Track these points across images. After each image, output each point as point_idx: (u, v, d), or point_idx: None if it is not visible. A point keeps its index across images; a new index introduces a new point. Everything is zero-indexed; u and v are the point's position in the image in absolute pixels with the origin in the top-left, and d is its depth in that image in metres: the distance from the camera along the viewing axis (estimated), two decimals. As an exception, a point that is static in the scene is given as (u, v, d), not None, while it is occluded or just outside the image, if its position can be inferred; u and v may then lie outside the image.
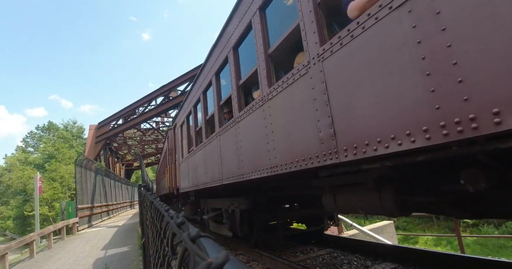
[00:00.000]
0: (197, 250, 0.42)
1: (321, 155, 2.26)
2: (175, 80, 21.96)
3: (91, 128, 26.36)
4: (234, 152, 4.19)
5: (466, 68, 1.30)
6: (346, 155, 2.01)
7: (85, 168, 18.03)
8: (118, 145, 32.14)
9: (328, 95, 2.19)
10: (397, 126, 1.63)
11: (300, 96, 2.55)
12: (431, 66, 1.45)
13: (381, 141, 1.73)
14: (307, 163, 2.42)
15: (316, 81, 2.33)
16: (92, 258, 8.21)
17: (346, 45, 2.00)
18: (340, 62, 2.07)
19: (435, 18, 1.42)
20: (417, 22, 1.51)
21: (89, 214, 17.66)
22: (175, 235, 0.66)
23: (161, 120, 28.81)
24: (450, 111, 1.36)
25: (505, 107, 1.17)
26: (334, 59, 2.13)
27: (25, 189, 37.23)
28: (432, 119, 1.44)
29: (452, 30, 1.35)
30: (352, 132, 1.96)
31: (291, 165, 2.66)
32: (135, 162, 38.82)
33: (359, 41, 1.88)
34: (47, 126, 49.04)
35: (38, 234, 11.02)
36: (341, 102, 2.06)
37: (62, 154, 39.92)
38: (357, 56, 1.91)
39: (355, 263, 4.31)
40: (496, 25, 1.20)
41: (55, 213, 32.19)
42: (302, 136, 2.50)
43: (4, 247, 8.18)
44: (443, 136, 1.40)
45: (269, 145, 3.08)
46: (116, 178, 29.04)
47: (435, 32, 1.42)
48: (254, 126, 3.51)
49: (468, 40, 1.29)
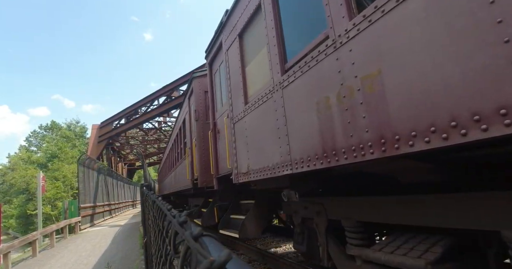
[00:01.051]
0: (200, 248, 0.42)
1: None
2: (178, 80, 22.01)
3: (94, 127, 26.48)
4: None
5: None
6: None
7: (87, 167, 18.11)
8: (120, 145, 32.26)
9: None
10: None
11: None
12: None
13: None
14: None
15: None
16: (94, 257, 8.23)
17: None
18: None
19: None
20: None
21: (91, 213, 17.72)
22: (177, 234, 0.66)
23: (163, 120, 28.90)
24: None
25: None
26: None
27: (28, 188, 37.41)
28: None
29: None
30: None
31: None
32: (137, 161, 38.95)
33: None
34: (50, 126, 49.26)
35: (41, 233, 11.07)
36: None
37: (64, 153, 40.08)
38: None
39: (357, 264, 4.29)
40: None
41: (57, 212, 32.31)
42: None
43: (7, 246, 8.23)
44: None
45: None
46: (118, 177, 29.13)
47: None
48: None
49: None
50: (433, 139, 1.41)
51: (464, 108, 1.28)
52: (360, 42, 1.88)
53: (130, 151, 35.85)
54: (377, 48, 1.73)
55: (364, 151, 1.81)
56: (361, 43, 1.87)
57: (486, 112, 1.21)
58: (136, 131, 30.98)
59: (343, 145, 1.99)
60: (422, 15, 1.47)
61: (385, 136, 1.68)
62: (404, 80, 1.56)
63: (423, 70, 1.46)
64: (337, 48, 2.07)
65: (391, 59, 1.64)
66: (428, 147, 1.43)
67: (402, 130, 1.57)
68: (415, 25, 1.50)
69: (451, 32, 1.34)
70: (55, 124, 49.31)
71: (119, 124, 26.39)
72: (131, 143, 33.53)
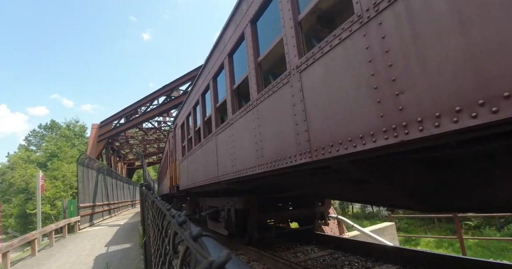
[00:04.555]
0: (199, 248, 0.42)
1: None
2: (177, 80, 21.98)
3: (94, 127, 26.44)
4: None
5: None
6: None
7: (87, 167, 18.09)
8: (120, 144, 32.24)
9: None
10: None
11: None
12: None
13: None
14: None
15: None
16: (93, 257, 8.22)
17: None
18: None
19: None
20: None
21: (90, 213, 17.70)
22: (176, 234, 0.66)
23: (163, 119, 28.88)
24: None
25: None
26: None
27: (28, 187, 37.40)
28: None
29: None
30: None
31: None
32: (136, 161, 38.92)
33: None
34: (50, 125, 49.23)
35: (40, 232, 11.06)
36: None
37: (64, 152, 40.06)
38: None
39: (356, 265, 4.30)
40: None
41: (57, 211, 32.31)
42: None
43: (6, 245, 8.22)
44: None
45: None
46: (117, 177, 29.11)
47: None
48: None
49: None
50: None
51: None
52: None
53: (130, 151, 35.83)
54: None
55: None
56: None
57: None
58: (135, 130, 30.96)
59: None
60: None
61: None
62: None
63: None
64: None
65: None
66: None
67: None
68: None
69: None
70: (55, 123, 49.29)
71: (119, 124, 26.36)
72: (130, 143, 33.51)
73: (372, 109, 1.86)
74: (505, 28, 1.23)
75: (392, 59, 1.73)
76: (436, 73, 1.49)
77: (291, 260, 4.60)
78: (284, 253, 5.29)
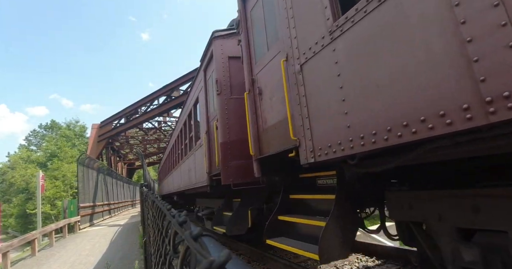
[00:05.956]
0: (199, 248, 0.42)
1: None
2: (177, 80, 21.99)
3: (94, 127, 26.45)
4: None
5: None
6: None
7: (87, 167, 18.10)
8: (120, 144, 32.25)
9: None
10: None
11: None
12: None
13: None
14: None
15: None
16: (93, 257, 8.23)
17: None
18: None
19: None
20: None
21: (91, 213, 17.70)
22: (177, 234, 0.66)
23: (163, 119, 28.89)
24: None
25: None
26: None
27: (28, 187, 37.39)
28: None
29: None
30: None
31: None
32: (137, 161, 38.93)
33: None
34: (50, 125, 49.20)
35: (40, 232, 11.07)
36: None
37: (64, 152, 40.03)
38: None
39: (356, 265, 4.30)
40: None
41: (57, 211, 32.29)
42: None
43: (6, 245, 8.22)
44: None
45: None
46: (118, 177, 29.12)
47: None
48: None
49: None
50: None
51: None
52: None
53: (130, 151, 35.83)
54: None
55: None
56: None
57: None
58: (136, 130, 30.96)
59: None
60: None
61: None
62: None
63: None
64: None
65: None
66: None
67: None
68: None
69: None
70: (55, 123, 49.27)
71: (119, 124, 26.36)
72: (131, 143, 33.51)
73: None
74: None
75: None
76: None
77: (291, 260, 4.60)
78: (284, 252, 5.29)
